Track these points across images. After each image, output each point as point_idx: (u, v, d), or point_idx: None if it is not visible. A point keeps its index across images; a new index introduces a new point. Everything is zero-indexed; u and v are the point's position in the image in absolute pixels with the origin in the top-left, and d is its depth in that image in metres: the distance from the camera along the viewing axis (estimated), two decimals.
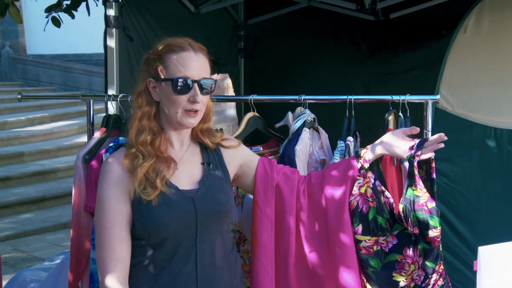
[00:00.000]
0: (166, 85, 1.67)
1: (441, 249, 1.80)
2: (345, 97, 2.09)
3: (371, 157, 1.86)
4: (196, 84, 1.66)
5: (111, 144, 1.90)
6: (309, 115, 2.15)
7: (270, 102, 2.23)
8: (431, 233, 1.75)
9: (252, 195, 1.93)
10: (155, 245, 1.64)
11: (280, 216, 1.89)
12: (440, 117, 3.02)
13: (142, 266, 1.66)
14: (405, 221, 1.79)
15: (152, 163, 1.65)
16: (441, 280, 1.82)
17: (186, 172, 1.73)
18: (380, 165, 1.92)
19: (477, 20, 3.07)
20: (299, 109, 2.19)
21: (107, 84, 2.81)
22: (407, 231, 1.82)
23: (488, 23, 3.07)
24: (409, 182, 1.80)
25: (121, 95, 2.23)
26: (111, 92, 2.72)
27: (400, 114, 2.04)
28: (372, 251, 1.84)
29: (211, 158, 1.81)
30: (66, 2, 3.26)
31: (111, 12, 2.78)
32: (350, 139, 2.04)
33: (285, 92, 2.24)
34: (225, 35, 4.78)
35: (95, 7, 3.31)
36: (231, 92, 2.85)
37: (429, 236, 1.75)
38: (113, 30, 2.78)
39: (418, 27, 4.40)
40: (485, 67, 3.11)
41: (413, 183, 1.79)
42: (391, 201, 1.83)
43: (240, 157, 1.89)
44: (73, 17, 3.28)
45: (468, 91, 3.09)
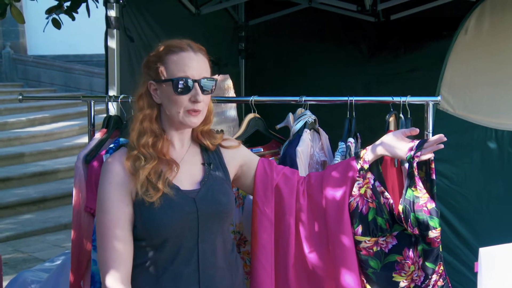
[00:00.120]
0: (166, 86, 1.67)
1: (441, 250, 1.80)
2: (346, 98, 2.09)
3: (370, 158, 1.86)
4: (196, 83, 1.67)
5: (112, 145, 1.89)
6: (310, 116, 2.15)
7: (270, 103, 2.23)
8: (431, 234, 1.75)
9: (252, 196, 1.93)
10: (156, 246, 1.64)
11: (279, 216, 1.89)
12: (441, 119, 3.02)
13: (144, 267, 1.66)
14: (404, 222, 1.79)
15: (154, 165, 1.65)
16: (441, 280, 1.83)
17: (187, 172, 1.73)
18: (379, 166, 1.92)
19: (478, 21, 3.07)
20: (299, 110, 2.19)
21: (108, 85, 2.81)
22: (406, 231, 1.82)
23: (489, 25, 3.07)
24: (408, 183, 1.81)
25: (122, 96, 2.23)
26: (112, 93, 2.72)
27: (401, 115, 2.04)
28: (372, 251, 1.84)
29: (212, 158, 1.81)
30: (66, 3, 3.26)
31: (112, 13, 2.78)
32: (351, 140, 2.04)
33: (285, 93, 2.24)
34: (226, 36, 4.78)
35: (96, 8, 3.31)
36: (231, 93, 2.85)
37: (429, 237, 1.75)
38: (114, 31, 2.78)
39: (419, 29, 4.40)
40: (486, 68, 3.10)
41: (413, 184, 1.79)
42: (391, 202, 1.83)
43: (240, 158, 1.89)
44: (73, 19, 3.28)
45: (469, 93, 3.09)
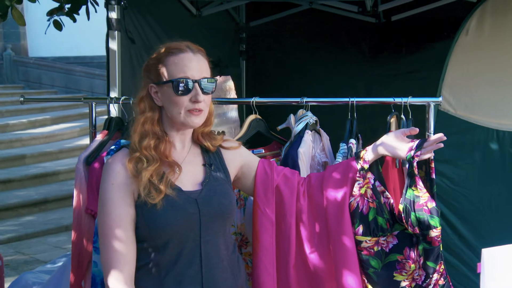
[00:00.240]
0: (167, 88, 1.68)
1: (441, 249, 1.81)
2: (347, 99, 2.09)
3: (370, 158, 1.86)
4: (196, 84, 1.67)
5: (113, 147, 1.89)
6: (311, 118, 2.15)
7: (272, 104, 2.23)
8: (431, 233, 1.76)
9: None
10: (159, 247, 1.64)
11: (280, 217, 1.89)
12: (442, 119, 3.01)
13: (146, 269, 1.66)
14: (405, 221, 1.80)
15: (156, 167, 1.65)
16: (442, 279, 1.83)
17: (188, 173, 1.73)
18: (379, 166, 1.93)
19: (479, 22, 3.07)
20: (301, 112, 2.19)
21: (109, 86, 2.82)
22: (407, 231, 1.82)
23: (490, 26, 3.07)
24: (409, 182, 1.81)
25: (123, 98, 2.23)
26: (113, 94, 2.72)
27: (402, 116, 2.04)
28: (372, 251, 1.84)
29: (212, 159, 1.81)
30: (68, 5, 3.26)
31: (113, 14, 2.79)
32: (352, 141, 2.04)
33: (286, 94, 2.24)
34: (227, 38, 4.78)
35: (97, 9, 3.32)
36: (233, 94, 2.85)
37: (430, 236, 1.76)
38: (115, 32, 2.79)
39: (419, 29, 4.40)
40: (487, 69, 3.10)
41: (413, 183, 1.80)
42: (391, 201, 1.84)
43: (240, 159, 1.89)
44: (74, 20, 3.29)
45: (470, 93, 3.09)
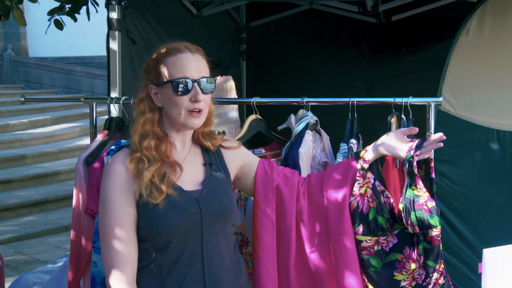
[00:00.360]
0: (167, 89, 1.68)
1: (441, 248, 1.81)
2: (348, 99, 2.09)
3: (370, 157, 1.87)
4: (196, 83, 1.67)
5: (113, 147, 1.89)
6: (311, 118, 2.15)
7: (272, 104, 2.23)
8: (431, 232, 1.77)
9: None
10: (160, 247, 1.64)
11: (280, 217, 1.90)
12: (442, 119, 3.01)
13: (148, 269, 1.66)
14: (405, 220, 1.80)
15: (157, 167, 1.65)
16: (442, 279, 1.84)
17: (189, 173, 1.73)
18: (379, 166, 1.93)
19: (479, 22, 3.07)
20: (301, 112, 2.19)
21: (109, 86, 2.82)
22: (407, 230, 1.83)
23: (490, 26, 3.07)
24: (408, 181, 1.82)
25: (123, 98, 2.23)
26: (113, 94, 2.73)
27: (402, 116, 2.04)
28: (373, 251, 1.84)
29: (213, 159, 1.81)
30: (68, 5, 3.26)
31: (114, 15, 2.79)
32: (353, 141, 2.04)
33: (287, 94, 2.24)
34: (227, 38, 4.78)
35: (98, 10, 3.32)
36: (233, 94, 2.85)
37: (430, 235, 1.77)
38: (116, 32, 2.79)
39: (420, 30, 4.40)
40: (487, 69, 3.10)
41: (413, 182, 1.81)
42: (391, 201, 1.85)
43: (240, 158, 1.89)
44: (75, 20, 3.28)
45: (470, 93, 3.09)
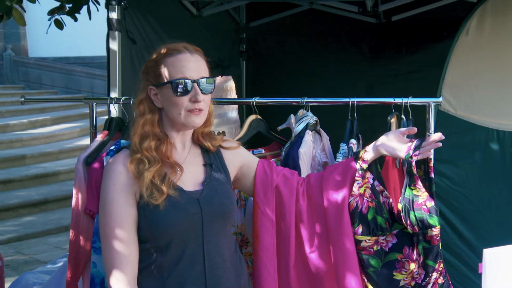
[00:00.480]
0: (166, 89, 1.68)
1: (441, 248, 1.82)
2: (347, 99, 2.09)
3: (369, 157, 1.87)
4: (195, 84, 1.68)
5: (113, 147, 1.89)
6: (311, 118, 2.15)
7: (272, 104, 2.23)
8: (430, 232, 1.77)
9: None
10: (161, 248, 1.65)
11: (280, 217, 1.90)
12: (442, 119, 3.02)
13: (149, 270, 1.66)
14: (404, 220, 1.81)
15: (158, 168, 1.66)
16: (441, 278, 1.84)
17: (189, 173, 1.73)
18: (378, 166, 1.93)
19: (479, 22, 3.07)
20: (301, 112, 2.19)
21: (109, 86, 2.82)
22: (406, 230, 1.83)
23: (490, 26, 3.07)
24: (407, 181, 1.82)
25: (123, 98, 2.23)
26: (113, 94, 2.72)
27: (402, 116, 2.05)
28: (372, 250, 1.85)
29: (213, 159, 1.82)
30: (68, 5, 3.26)
31: (114, 15, 2.79)
32: (353, 141, 2.04)
33: (287, 94, 2.24)
34: (227, 38, 4.78)
35: (97, 11, 3.32)
36: (233, 94, 2.85)
37: (429, 235, 1.77)
38: (116, 33, 2.79)
39: (420, 30, 4.39)
40: (487, 69, 3.10)
41: (412, 182, 1.81)
42: (390, 200, 1.85)
43: (240, 159, 1.90)
44: (75, 19, 3.28)
45: (470, 93, 3.09)
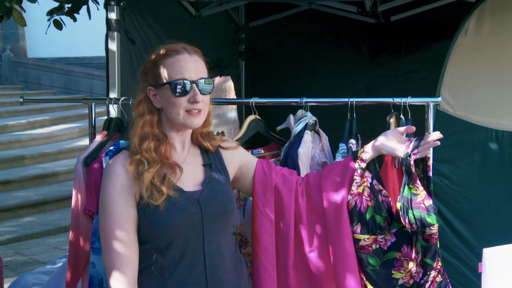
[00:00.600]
0: (165, 90, 1.68)
1: (438, 247, 1.82)
2: (346, 99, 2.09)
3: (368, 157, 1.87)
4: (194, 84, 1.68)
5: (112, 147, 1.89)
6: (310, 118, 2.15)
7: (271, 104, 2.23)
8: (428, 231, 1.77)
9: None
10: (162, 248, 1.65)
11: (279, 217, 1.90)
12: (441, 119, 3.02)
13: (149, 271, 1.66)
14: (402, 219, 1.81)
15: (157, 168, 1.66)
16: (440, 276, 1.85)
17: (189, 174, 1.74)
18: (377, 165, 1.93)
19: (478, 22, 3.07)
20: (300, 112, 2.19)
21: (108, 87, 2.82)
22: (405, 229, 1.84)
23: (489, 26, 3.07)
24: (406, 180, 1.83)
25: (122, 98, 2.24)
26: (112, 95, 2.72)
27: (401, 116, 2.05)
28: (371, 249, 1.85)
29: (212, 159, 1.82)
30: (67, 5, 3.25)
31: (113, 15, 2.78)
32: (352, 141, 2.05)
33: (286, 94, 2.24)
34: (226, 38, 4.78)
35: (96, 11, 3.31)
36: (232, 94, 2.85)
37: (427, 233, 1.78)
38: (115, 33, 2.78)
39: (419, 30, 4.40)
40: (486, 69, 3.10)
41: (410, 181, 1.82)
42: (389, 199, 1.86)
43: (239, 159, 1.90)
44: (75, 20, 3.28)
45: (469, 93, 3.09)
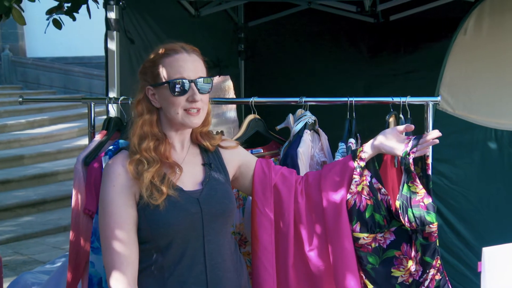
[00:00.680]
0: (164, 89, 1.68)
1: (438, 245, 1.82)
2: (346, 99, 2.09)
3: (367, 155, 1.87)
4: (193, 83, 1.68)
5: (111, 147, 1.89)
6: (310, 117, 2.15)
7: (270, 104, 2.23)
8: (428, 229, 1.78)
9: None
10: (162, 248, 1.65)
11: (278, 216, 1.90)
12: (440, 119, 3.02)
13: (149, 271, 1.66)
14: (402, 217, 1.81)
15: (157, 168, 1.66)
16: (439, 274, 1.85)
17: (188, 173, 1.73)
18: (376, 163, 1.94)
19: (477, 22, 3.07)
20: (299, 111, 2.19)
21: (108, 86, 2.81)
22: (404, 227, 1.84)
23: (488, 25, 3.07)
24: (405, 178, 1.83)
25: (122, 98, 2.23)
26: (112, 94, 2.72)
27: (400, 115, 2.05)
28: (370, 248, 1.85)
29: (212, 159, 1.82)
30: (67, 4, 3.25)
31: (112, 15, 2.78)
32: (351, 141, 2.05)
33: (285, 94, 2.24)
34: (225, 38, 4.78)
35: (95, 10, 3.31)
36: (232, 94, 2.85)
37: (426, 231, 1.78)
38: (114, 33, 2.78)
39: (418, 29, 4.40)
40: (485, 68, 3.11)
41: (410, 179, 1.82)
42: (388, 198, 1.86)
43: (238, 158, 1.90)
44: (74, 19, 3.28)
45: (468, 93, 3.09)
